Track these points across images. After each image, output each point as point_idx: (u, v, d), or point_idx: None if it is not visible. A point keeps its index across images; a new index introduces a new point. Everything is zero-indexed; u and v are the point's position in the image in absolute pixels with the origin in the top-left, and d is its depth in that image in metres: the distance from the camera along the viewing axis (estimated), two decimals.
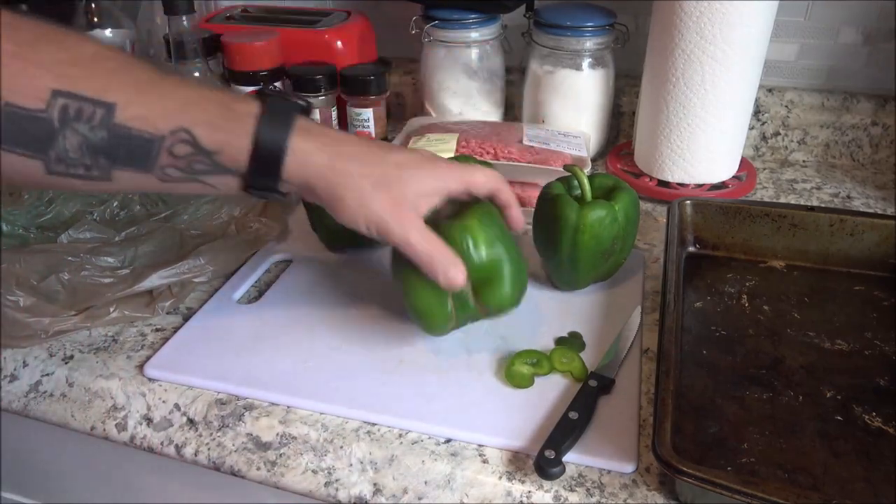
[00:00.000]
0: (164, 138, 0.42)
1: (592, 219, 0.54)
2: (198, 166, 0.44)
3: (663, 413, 0.43)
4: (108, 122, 0.41)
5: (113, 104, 0.41)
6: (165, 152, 0.43)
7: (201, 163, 0.44)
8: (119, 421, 0.52)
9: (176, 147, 0.43)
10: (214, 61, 0.80)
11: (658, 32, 0.73)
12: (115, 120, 0.41)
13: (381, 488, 0.46)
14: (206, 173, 0.44)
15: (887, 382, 0.50)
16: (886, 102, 0.82)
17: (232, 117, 0.44)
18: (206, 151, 0.44)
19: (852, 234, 0.61)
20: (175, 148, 0.43)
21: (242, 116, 0.44)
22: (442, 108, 0.88)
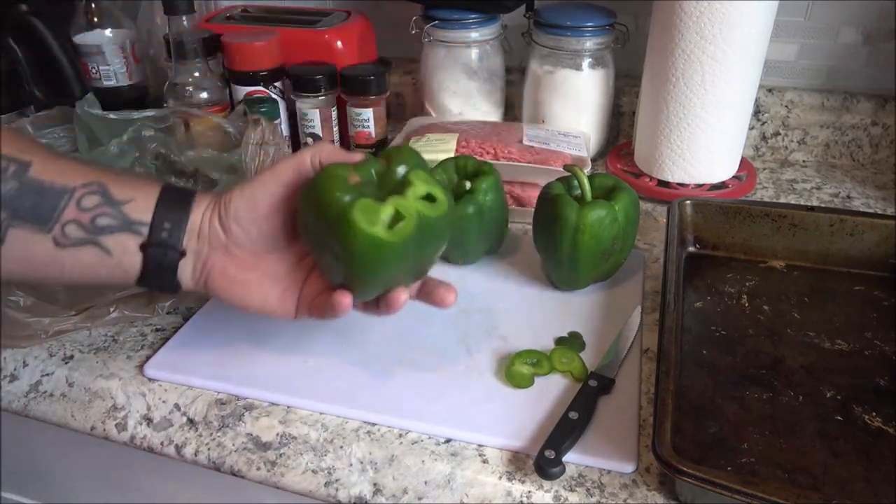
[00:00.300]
0: (76, 190, 0.43)
1: (592, 219, 0.54)
2: (102, 221, 0.43)
3: (663, 413, 0.43)
4: (21, 176, 0.42)
5: (29, 161, 0.42)
6: (73, 205, 0.43)
7: (107, 216, 0.43)
8: (119, 421, 0.52)
9: (85, 199, 0.43)
10: (214, 61, 0.79)
11: (658, 32, 0.73)
12: (28, 174, 0.42)
13: (381, 488, 0.46)
14: (107, 231, 0.44)
15: (887, 382, 0.50)
16: (886, 102, 0.82)
17: (141, 182, 0.46)
18: (115, 202, 0.44)
19: (852, 234, 0.61)
20: (84, 200, 0.43)
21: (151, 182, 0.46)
22: (442, 108, 0.88)
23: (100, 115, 0.66)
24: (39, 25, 0.83)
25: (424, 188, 0.42)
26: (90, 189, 0.43)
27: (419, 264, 0.45)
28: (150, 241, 0.44)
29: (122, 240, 0.44)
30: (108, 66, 0.86)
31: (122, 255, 0.44)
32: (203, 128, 0.69)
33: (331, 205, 0.41)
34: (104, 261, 0.44)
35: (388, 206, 0.41)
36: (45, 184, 0.42)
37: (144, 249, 0.44)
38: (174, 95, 0.76)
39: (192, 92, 0.76)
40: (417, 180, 0.43)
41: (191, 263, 0.46)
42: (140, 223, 0.44)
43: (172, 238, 0.45)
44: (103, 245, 0.44)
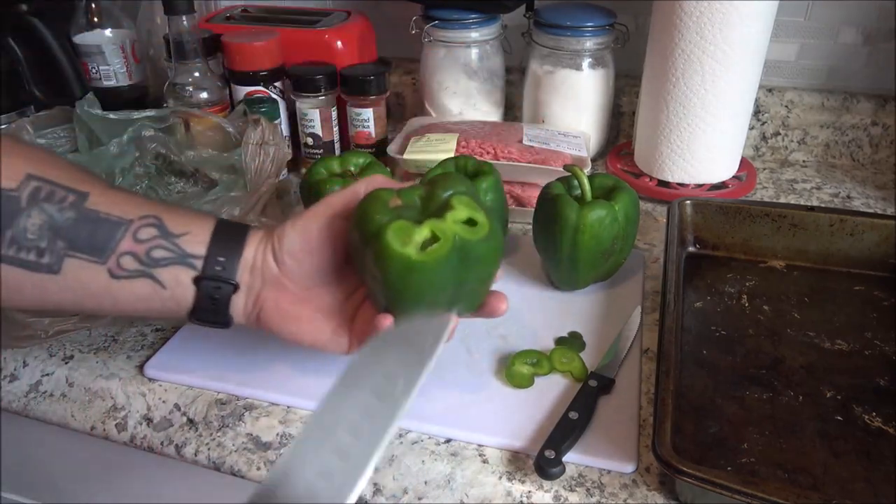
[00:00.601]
0: (132, 222, 0.43)
1: (592, 219, 0.54)
2: (157, 253, 0.43)
3: (663, 413, 0.43)
4: (79, 206, 0.42)
5: (87, 192, 0.42)
6: (129, 237, 0.43)
7: (162, 248, 0.43)
8: (119, 421, 0.52)
9: (141, 231, 0.43)
10: (214, 61, 0.79)
11: (658, 32, 0.73)
12: (86, 204, 0.42)
13: (381, 488, 0.46)
14: (162, 263, 0.44)
15: (887, 382, 0.50)
16: (886, 102, 0.82)
17: (196, 216, 0.46)
18: (170, 234, 0.44)
19: (852, 234, 0.61)
20: (140, 231, 0.43)
21: (206, 216, 0.46)
22: (442, 108, 0.88)
23: (100, 115, 0.66)
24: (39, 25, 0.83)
25: (465, 212, 0.42)
26: (147, 221, 0.43)
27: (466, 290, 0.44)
28: (204, 274, 0.44)
29: (176, 272, 0.44)
30: (108, 66, 0.86)
31: (175, 287, 0.44)
32: (203, 128, 0.69)
33: (370, 225, 0.41)
34: (158, 293, 0.44)
35: (423, 227, 0.41)
36: (101, 215, 0.42)
37: (198, 283, 0.44)
38: (174, 95, 0.76)
39: (192, 92, 0.76)
40: (459, 204, 0.42)
41: (243, 297, 0.46)
42: (195, 256, 0.44)
43: (226, 272, 0.44)
44: (157, 278, 0.44)
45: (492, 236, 0.42)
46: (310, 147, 0.81)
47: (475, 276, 0.43)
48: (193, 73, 0.76)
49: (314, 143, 0.80)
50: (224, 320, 0.46)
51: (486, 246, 0.42)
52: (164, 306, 0.45)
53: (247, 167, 0.62)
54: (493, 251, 0.43)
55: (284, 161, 0.66)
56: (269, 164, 0.64)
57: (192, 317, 0.46)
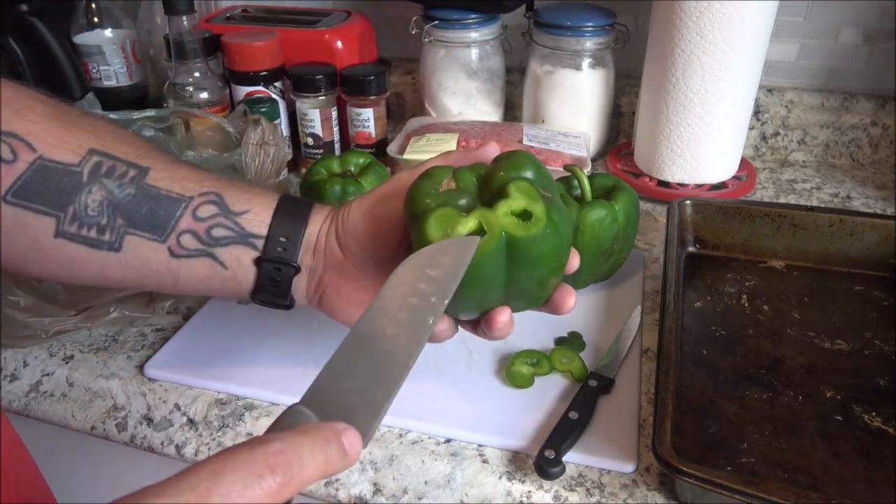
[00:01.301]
0: (192, 199, 0.42)
1: (592, 219, 0.54)
2: (218, 232, 0.42)
3: (663, 413, 0.43)
4: (139, 181, 0.41)
5: (147, 168, 0.41)
6: (189, 214, 0.42)
7: (223, 227, 0.42)
8: (119, 421, 0.52)
9: (201, 208, 0.42)
10: (214, 61, 0.79)
11: (658, 32, 0.73)
12: (146, 180, 0.41)
13: (381, 488, 0.46)
14: (222, 243, 0.42)
15: (887, 382, 0.50)
16: (886, 102, 0.82)
17: (258, 191, 0.44)
18: (231, 212, 0.42)
19: (852, 234, 0.61)
20: (200, 209, 0.42)
21: (268, 192, 0.45)
22: (442, 108, 0.88)
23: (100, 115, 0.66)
24: (39, 25, 0.83)
25: (522, 202, 0.37)
26: (207, 198, 0.42)
27: (520, 289, 0.39)
28: (265, 255, 0.43)
29: (237, 253, 0.43)
30: (108, 66, 0.86)
31: (236, 268, 0.43)
32: (203, 128, 0.69)
33: (415, 208, 0.38)
34: (218, 273, 0.43)
35: (470, 218, 0.37)
36: (161, 191, 0.41)
37: (259, 264, 0.43)
38: (174, 95, 0.76)
39: (192, 92, 0.76)
40: (517, 192, 0.37)
41: (305, 280, 0.45)
42: (256, 236, 0.43)
43: (288, 253, 0.43)
44: (218, 257, 0.42)
45: (548, 234, 0.37)
46: (310, 147, 0.81)
47: (528, 277, 0.39)
48: (193, 73, 0.76)
49: (314, 143, 0.80)
50: (286, 302, 0.45)
51: (540, 245, 0.37)
52: (225, 286, 0.44)
53: (247, 167, 0.62)
54: (551, 251, 0.38)
55: (284, 161, 0.66)
56: (269, 164, 0.64)
57: (254, 297, 0.45)
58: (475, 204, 0.38)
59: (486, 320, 0.40)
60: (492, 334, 0.41)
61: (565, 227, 0.38)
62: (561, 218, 0.38)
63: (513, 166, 0.39)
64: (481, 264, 0.36)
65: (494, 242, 0.36)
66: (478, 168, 0.40)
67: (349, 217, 0.43)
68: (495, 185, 0.38)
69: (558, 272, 0.40)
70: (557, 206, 0.38)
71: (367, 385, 0.30)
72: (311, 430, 0.27)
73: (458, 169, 0.40)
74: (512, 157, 0.39)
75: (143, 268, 0.42)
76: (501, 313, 0.40)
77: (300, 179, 0.76)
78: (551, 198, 0.38)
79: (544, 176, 0.40)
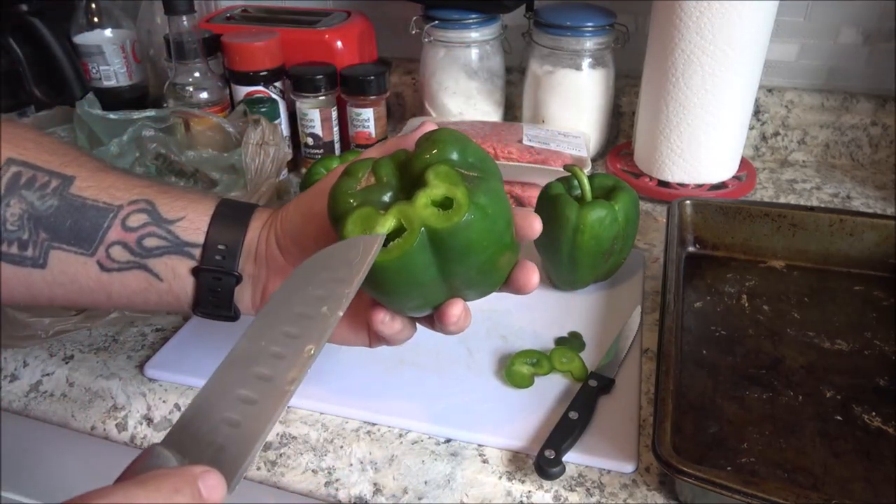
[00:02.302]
0: (121, 208, 0.39)
1: (592, 219, 0.54)
2: (149, 242, 0.39)
3: (663, 413, 0.43)
4: (63, 192, 0.38)
5: (72, 176, 0.39)
6: (118, 224, 0.39)
7: (155, 237, 0.39)
8: (119, 421, 0.52)
9: (131, 217, 0.39)
10: (214, 61, 0.79)
11: (658, 32, 0.73)
12: (70, 190, 0.39)
13: (381, 488, 0.46)
14: (155, 253, 0.40)
15: (887, 382, 0.50)
16: (886, 102, 0.82)
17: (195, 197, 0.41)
18: (163, 220, 0.40)
19: (852, 234, 0.61)
20: (130, 218, 0.39)
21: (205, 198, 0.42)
22: (442, 108, 0.88)
23: (100, 115, 0.66)
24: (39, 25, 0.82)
25: (441, 189, 0.33)
26: (136, 207, 0.39)
27: (464, 280, 0.36)
28: (203, 264, 0.40)
29: (172, 263, 0.40)
30: (108, 66, 0.86)
31: (172, 279, 0.40)
32: (203, 128, 0.69)
33: (336, 211, 0.35)
34: (154, 286, 0.40)
35: (388, 216, 0.34)
36: (87, 201, 0.39)
37: (197, 274, 0.40)
38: (174, 95, 0.76)
39: (192, 92, 0.76)
40: (435, 178, 0.34)
41: (249, 289, 0.42)
42: (192, 245, 0.40)
43: (227, 262, 0.40)
44: (152, 269, 0.40)
45: (474, 219, 0.33)
46: (310, 147, 0.81)
47: (465, 267, 0.35)
48: (193, 73, 0.76)
49: (314, 143, 0.80)
50: (229, 314, 0.42)
51: (466, 233, 0.33)
52: (162, 300, 0.41)
53: (247, 167, 0.62)
54: (482, 236, 0.34)
55: (284, 161, 0.66)
56: (269, 164, 0.64)
57: (194, 310, 0.42)
58: (398, 198, 0.35)
59: (439, 315, 0.37)
60: (447, 329, 0.38)
61: (496, 207, 0.34)
62: (490, 199, 0.34)
63: (432, 148, 0.35)
64: (406, 264, 0.33)
65: (414, 238, 0.33)
66: (398, 156, 0.37)
67: (287, 218, 0.40)
68: (415, 172, 0.35)
69: (501, 253, 0.36)
70: (486, 185, 0.34)
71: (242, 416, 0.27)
72: (153, 479, 0.24)
73: (377, 161, 0.36)
74: (431, 139, 0.35)
75: (72, 284, 0.40)
76: (453, 306, 0.37)
77: (300, 179, 0.76)
78: (477, 177, 0.35)
79: (473, 154, 0.36)
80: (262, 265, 0.41)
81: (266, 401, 0.27)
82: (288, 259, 0.41)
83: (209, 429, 0.27)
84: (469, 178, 0.35)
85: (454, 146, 0.35)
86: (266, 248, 0.41)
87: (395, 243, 0.33)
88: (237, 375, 0.28)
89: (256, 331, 0.30)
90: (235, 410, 0.27)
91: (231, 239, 0.40)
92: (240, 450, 0.26)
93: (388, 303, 0.37)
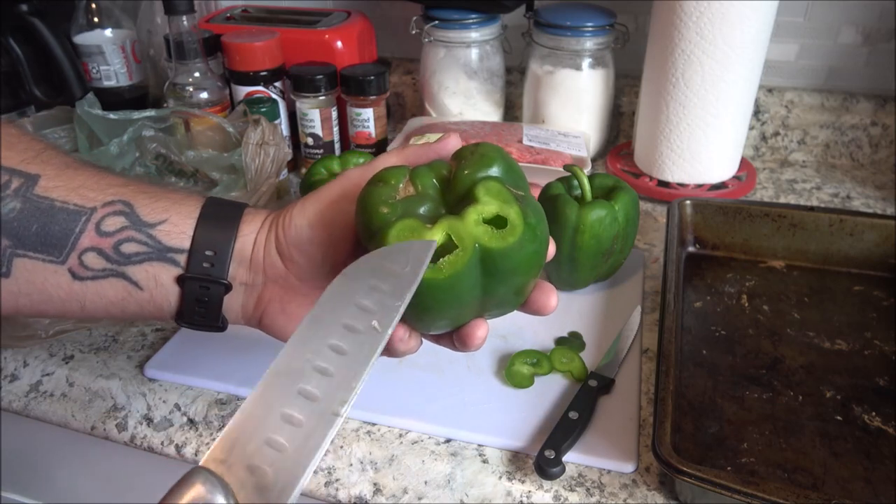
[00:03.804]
0: (95, 210, 0.35)
1: (592, 219, 0.54)
2: (128, 247, 0.36)
3: (663, 413, 0.43)
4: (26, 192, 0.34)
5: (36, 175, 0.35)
6: (91, 229, 0.35)
7: (134, 242, 0.36)
8: (119, 421, 0.52)
9: (107, 220, 0.35)
10: (214, 61, 0.80)
11: (658, 32, 0.73)
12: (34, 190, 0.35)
13: (381, 488, 0.46)
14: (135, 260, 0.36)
15: (887, 382, 0.50)
16: (886, 102, 0.82)
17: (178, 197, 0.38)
18: (143, 224, 0.36)
19: (852, 234, 0.61)
20: (105, 221, 0.35)
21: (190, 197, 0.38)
22: (442, 108, 0.88)
23: (100, 115, 0.66)
24: (39, 25, 0.83)
25: (494, 207, 0.32)
26: (113, 209, 0.36)
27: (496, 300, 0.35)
28: (189, 272, 0.37)
29: (153, 271, 0.36)
30: (108, 66, 0.86)
31: (153, 288, 0.37)
32: (203, 128, 0.69)
33: (373, 223, 0.33)
34: (133, 296, 0.37)
35: (436, 229, 0.32)
36: (55, 203, 0.35)
37: (182, 283, 0.37)
38: (174, 95, 0.76)
39: (192, 92, 0.76)
40: (487, 195, 0.32)
41: (241, 297, 0.39)
42: (177, 250, 0.37)
43: (216, 269, 0.37)
44: (131, 277, 0.36)
45: (526, 241, 0.32)
46: (310, 147, 0.81)
47: (507, 288, 0.34)
48: (193, 73, 0.76)
49: (314, 143, 0.80)
50: (216, 325, 0.39)
51: (518, 254, 0.32)
52: (142, 310, 0.38)
53: (247, 167, 0.62)
54: (531, 258, 0.33)
55: (284, 161, 0.66)
56: (269, 164, 0.64)
57: (178, 321, 0.38)
58: (439, 211, 0.34)
59: (462, 336, 0.35)
60: (467, 349, 0.36)
61: (542, 229, 0.34)
62: (538, 219, 0.33)
63: (479, 163, 0.34)
64: (455, 282, 0.32)
65: (468, 257, 0.31)
66: (437, 167, 0.35)
67: (292, 224, 0.37)
68: (460, 186, 0.34)
69: (538, 275, 0.35)
70: (532, 205, 0.34)
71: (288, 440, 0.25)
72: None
73: (415, 169, 0.34)
74: (476, 153, 0.34)
75: (40, 294, 0.36)
76: (479, 328, 0.35)
77: (300, 179, 0.76)
78: (524, 196, 0.34)
79: (515, 171, 0.35)
80: (259, 272, 0.38)
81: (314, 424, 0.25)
82: (290, 267, 0.38)
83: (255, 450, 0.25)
84: (518, 197, 0.33)
85: (500, 162, 0.34)
86: (264, 254, 0.38)
87: (447, 260, 0.31)
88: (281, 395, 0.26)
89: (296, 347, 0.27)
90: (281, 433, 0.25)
91: (220, 243, 0.37)
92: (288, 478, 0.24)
93: (417, 320, 0.35)
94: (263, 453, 0.25)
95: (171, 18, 0.73)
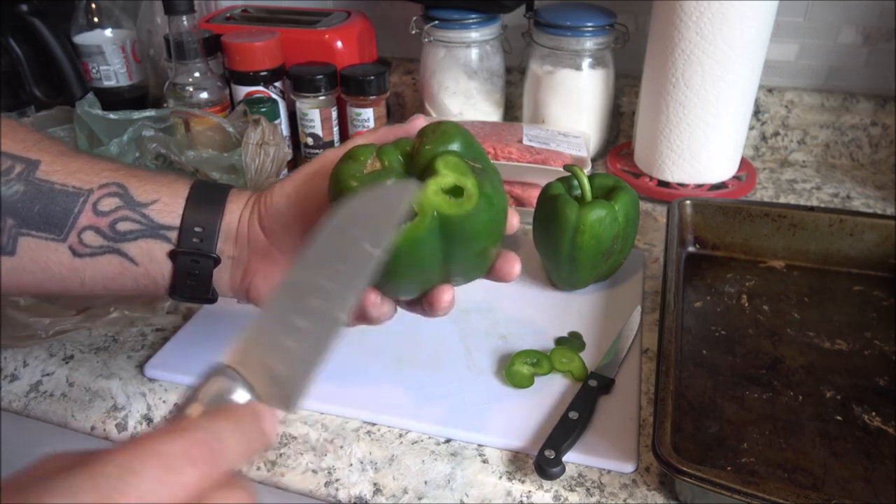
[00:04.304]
0: (91, 192, 0.38)
1: (592, 219, 0.54)
2: (123, 226, 0.39)
3: (663, 413, 0.43)
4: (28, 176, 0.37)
5: (37, 161, 0.38)
6: (89, 209, 0.38)
7: (128, 220, 0.39)
8: (119, 421, 0.52)
9: (103, 201, 0.38)
10: (214, 61, 0.80)
11: (658, 32, 0.73)
12: (36, 175, 0.38)
13: (381, 488, 0.46)
14: (129, 237, 0.39)
15: (887, 382, 0.50)
16: (886, 102, 0.82)
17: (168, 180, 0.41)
18: (136, 203, 0.39)
19: (852, 234, 0.61)
20: (101, 202, 0.38)
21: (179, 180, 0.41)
22: (442, 108, 0.88)
23: (100, 115, 0.66)
24: (39, 25, 0.83)
25: (452, 178, 0.35)
26: (108, 190, 0.39)
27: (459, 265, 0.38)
28: (180, 247, 0.40)
29: (147, 247, 0.39)
30: (108, 66, 0.86)
31: (148, 263, 0.40)
32: (203, 128, 0.69)
33: (342, 193, 0.36)
34: (129, 271, 0.40)
35: None
36: (55, 186, 0.38)
37: (174, 257, 0.40)
38: (174, 95, 0.76)
39: (192, 92, 0.76)
40: (445, 167, 0.35)
41: (228, 271, 0.42)
42: (168, 227, 0.40)
43: (205, 244, 0.40)
44: (126, 253, 0.39)
45: (482, 209, 0.35)
46: (310, 147, 0.81)
47: (466, 253, 0.37)
48: (193, 73, 0.76)
49: (314, 143, 0.80)
50: (207, 297, 0.42)
51: (475, 221, 0.36)
52: (138, 284, 0.41)
53: (247, 167, 0.63)
54: (487, 225, 0.36)
55: (284, 161, 0.66)
56: (269, 164, 0.64)
57: (172, 294, 0.41)
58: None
59: (430, 300, 0.39)
60: (435, 313, 0.39)
61: (499, 199, 0.37)
62: (494, 189, 0.36)
63: (439, 139, 0.37)
64: (416, 247, 0.35)
65: (426, 223, 0.35)
66: (402, 144, 0.38)
67: (272, 199, 0.40)
68: (422, 161, 0.37)
69: (497, 242, 0.38)
70: (489, 177, 0.37)
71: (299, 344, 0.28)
72: (234, 415, 0.25)
73: (382, 147, 0.38)
74: (437, 130, 0.37)
75: (43, 271, 0.39)
76: (445, 292, 0.38)
77: None
78: (482, 169, 0.37)
79: (474, 147, 0.38)
80: (244, 247, 0.41)
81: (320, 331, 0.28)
82: (272, 241, 0.41)
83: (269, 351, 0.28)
84: (475, 170, 0.36)
85: (459, 138, 0.37)
86: (248, 229, 0.41)
87: (408, 226, 0.35)
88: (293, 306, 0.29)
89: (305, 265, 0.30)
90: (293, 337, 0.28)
91: (208, 220, 0.40)
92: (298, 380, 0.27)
93: (386, 285, 0.38)
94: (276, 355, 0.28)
95: (171, 18, 0.73)
